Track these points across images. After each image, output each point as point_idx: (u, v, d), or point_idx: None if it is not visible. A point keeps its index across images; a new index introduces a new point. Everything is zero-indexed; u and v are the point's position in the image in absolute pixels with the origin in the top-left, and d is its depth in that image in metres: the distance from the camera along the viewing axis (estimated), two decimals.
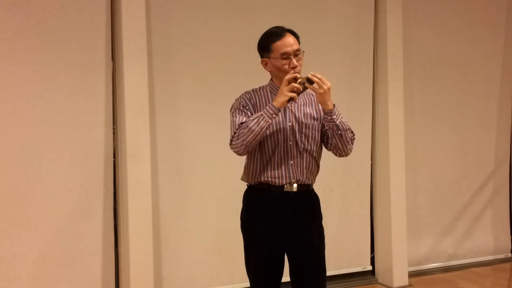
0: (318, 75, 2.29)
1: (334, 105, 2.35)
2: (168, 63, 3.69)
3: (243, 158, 2.52)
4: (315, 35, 4.07)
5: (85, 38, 3.44)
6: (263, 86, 2.51)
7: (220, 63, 3.83)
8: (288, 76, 2.29)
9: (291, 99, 2.28)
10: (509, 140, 5.08)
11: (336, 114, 2.36)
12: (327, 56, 4.14)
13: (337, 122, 2.36)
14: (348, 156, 2.53)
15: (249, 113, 2.40)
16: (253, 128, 2.28)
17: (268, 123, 2.28)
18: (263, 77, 2.55)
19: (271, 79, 2.49)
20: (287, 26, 2.46)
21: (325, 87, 2.28)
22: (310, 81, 2.28)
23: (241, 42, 3.83)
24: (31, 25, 3.30)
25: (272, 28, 2.42)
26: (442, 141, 4.71)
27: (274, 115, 2.29)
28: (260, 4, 3.94)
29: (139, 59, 3.48)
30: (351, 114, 4.19)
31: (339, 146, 2.42)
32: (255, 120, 2.29)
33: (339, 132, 2.37)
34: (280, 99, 2.28)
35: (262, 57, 2.44)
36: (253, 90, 2.50)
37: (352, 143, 2.46)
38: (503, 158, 5.02)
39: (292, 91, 2.27)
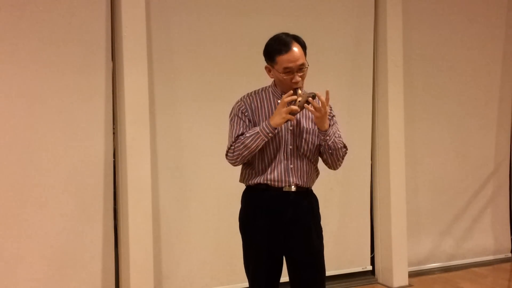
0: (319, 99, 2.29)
1: (330, 125, 2.39)
2: (168, 63, 3.69)
3: None
4: (315, 35, 4.06)
5: (85, 38, 3.44)
6: (266, 88, 2.50)
7: (220, 64, 3.82)
8: (287, 98, 2.29)
9: (288, 120, 2.31)
10: (509, 140, 5.08)
11: (329, 135, 2.38)
12: (327, 56, 4.13)
13: (329, 143, 2.39)
14: (348, 157, 2.54)
15: (247, 121, 2.40)
16: (249, 145, 2.32)
17: (264, 141, 2.32)
18: (264, 78, 2.54)
19: (274, 82, 2.48)
20: (286, 26, 2.46)
21: (323, 111, 2.30)
22: (309, 102, 2.29)
23: (241, 42, 3.83)
24: (30, 25, 3.30)
25: (281, 35, 2.39)
26: (442, 141, 4.70)
27: (270, 134, 2.32)
28: (261, 4, 3.94)
29: (139, 59, 3.48)
30: (351, 114, 4.20)
31: (328, 162, 2.49)
32: (251, 137, 2.31)
33: (330, 151, 2.41)
34: (277, 120, 2.29)
35: (266, 62, 2.42)
36: (254, 92, 2.49)
37: (343, 159, 2.50)
38: (503, 158, 5.02)
39: (290, 113, 2.28)
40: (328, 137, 2.38)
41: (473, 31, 4.78)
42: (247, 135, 2.33)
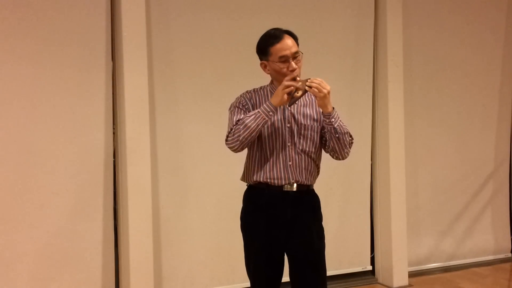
0: (317, 79, 2.29)
1: (333, 108, 2.37)
2: (168, 63, 3.69)
3: (243, 158, 2.52)
4: (316, 35, 4.07)
5: (85, 38, 3.44)
6: (264, 86, 2.52)
7: (220, 63, 3.83)
8: (287, 78, 2.30)
9: (292, 98, 2.29)
10: (509, 140, 5.08)
11: (334, 117, 2.37)
12: (327, 56, 4.14)
13: (335, 125, 2.36)
14: (348, 156, 2.53)
15: (247, 112, 2.40)
16: (249, 124, 2.29)
17: (264, 120, 2.30)
18: (263, 78, 2.55)
19: (272, 81, 2.50)
20: (286, 27, 2.46)
21: (325, 91, 2.29)
22: (310, 86, 2.29)
23: (241, 42, 3.83)
24: (31, 25, 3.30)
25: (270, 30, 2.42)
26: (442, 141, 4.71)
27: (271, 113, 2.30)
28: (260, 4, 3.94)
29: (139, 59, 3.49)
30: (351, 114, 4.20)
31: (336, 149, 2.43)
32: (252, 116, 2.30)
33: (337, 135, 2.38)
34: (277, 99, 2.29)
35: (260, 59, 2.44)
36: (253, 89, 2.51)
37: (350, 147, 2.46)
38: (503, 158, 5.02)
39: (292, 98, 2.28)
40: (333, 119, 2.35)
41: (473, 31, 4.79)
42: (248, 115, 2.32)
